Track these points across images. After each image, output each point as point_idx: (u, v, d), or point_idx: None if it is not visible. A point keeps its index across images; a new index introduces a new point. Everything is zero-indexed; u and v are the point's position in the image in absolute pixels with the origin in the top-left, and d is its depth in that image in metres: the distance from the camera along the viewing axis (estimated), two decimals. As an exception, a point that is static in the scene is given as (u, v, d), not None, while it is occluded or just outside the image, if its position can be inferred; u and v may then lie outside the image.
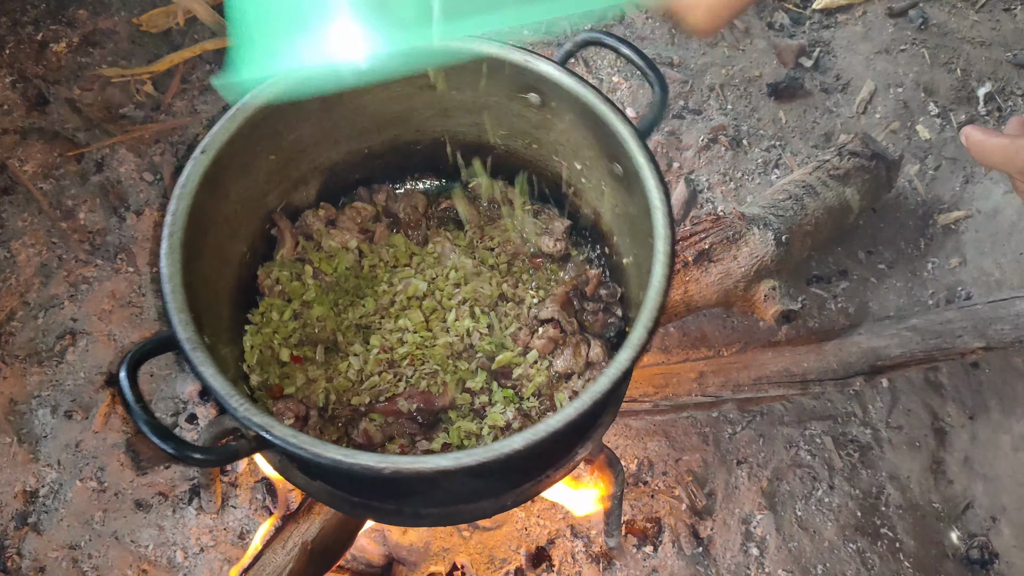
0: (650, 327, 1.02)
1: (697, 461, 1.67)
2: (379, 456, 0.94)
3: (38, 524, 1.55)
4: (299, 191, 1.38)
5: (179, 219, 1.11)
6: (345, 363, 1.26)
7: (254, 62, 1.04)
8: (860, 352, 1.69)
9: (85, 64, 2.02)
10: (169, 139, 1.93)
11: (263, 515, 1.55)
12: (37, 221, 1.82)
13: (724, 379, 1.64)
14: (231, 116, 1.19)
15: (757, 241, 1.63)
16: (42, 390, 1.66)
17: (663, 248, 1.06)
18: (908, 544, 1.64)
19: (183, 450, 0.95)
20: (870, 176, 1.82)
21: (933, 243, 1.96)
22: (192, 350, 1.01)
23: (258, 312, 1.29)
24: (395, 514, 1.20)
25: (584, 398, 0.98)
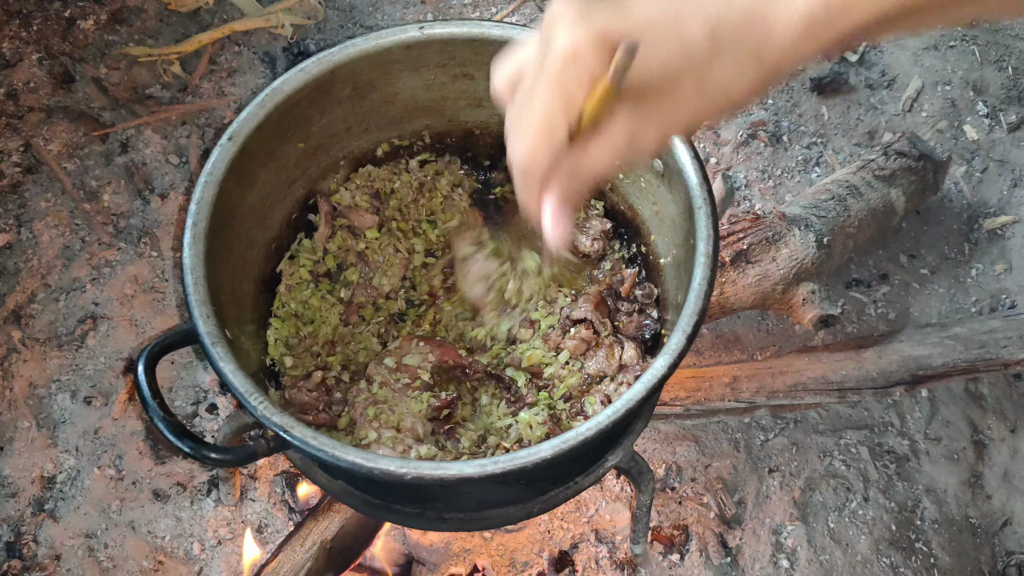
0: (689, 333, 0.97)
1: (727, 468, 1.62)
2: (400, 461, 0.90)
3: (55, 511, 1.53)
4: (328, 180, 1.34)
5: (203, 208, 1.08)
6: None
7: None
8: (901, 360, 1.63)
9: (112, 42, 1.98)
10: (196, 121, 1.90)
11: (282, 509, 1.52)
12: (60, 202, 1.80)
13: (758, 385, 1.58)
14: (260, 102, 1.15)
15: (798, 243, 1.57)
16: (62, 374, 1.63)
17: (705, 250, 1.01)
18: (943, 560, 1.59)
19: (200, 450, 0.91)
20: (916, 178, 1.75)
21: (978, 248, 1.89)
22: (212, 344, 0.98)
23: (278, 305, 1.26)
24: (417, 517, 1.17)
25: (617, 405, 0.93)
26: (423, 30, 1.22)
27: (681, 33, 0.65)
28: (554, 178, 0.71)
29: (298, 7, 2.01)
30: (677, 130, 0.69)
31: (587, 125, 0.67)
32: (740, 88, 0.66)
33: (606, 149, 0.68)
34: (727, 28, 0.64)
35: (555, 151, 0.68)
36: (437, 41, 1.23)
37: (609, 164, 0.69)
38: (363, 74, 1.24)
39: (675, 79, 0.65)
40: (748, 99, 0.69)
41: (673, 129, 0.69)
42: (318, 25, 2.03)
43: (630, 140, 0.67)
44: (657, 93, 0.65)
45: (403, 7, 2.10)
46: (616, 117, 0.67)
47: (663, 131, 0.69)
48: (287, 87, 1.17)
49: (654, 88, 0.65)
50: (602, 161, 0.69)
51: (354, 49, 1.20)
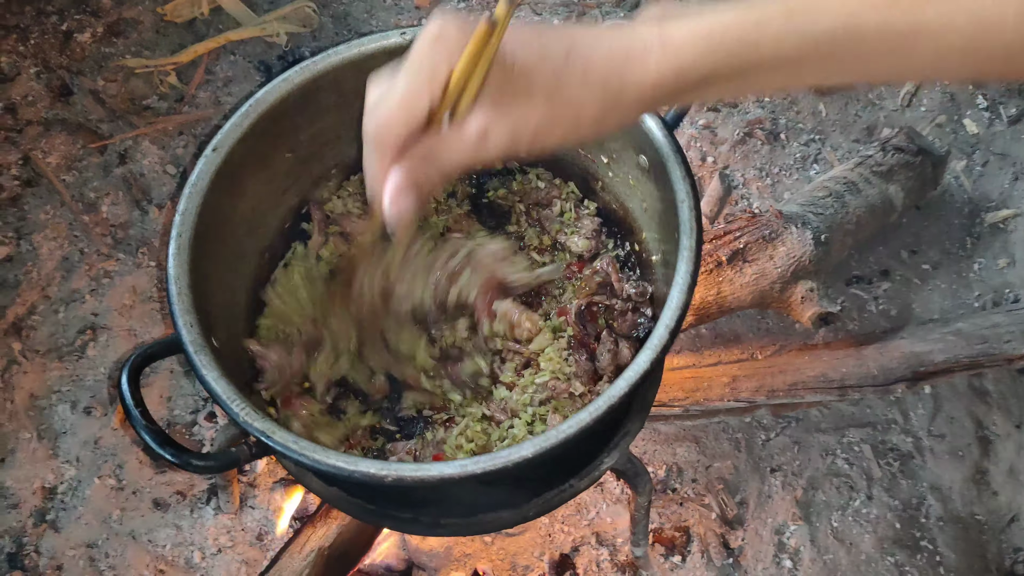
0: (672, 327, 0.96)
1: (728, 468, 1.61)
2: (381, 463, 0.90)
3: (56, 522, 1.53)
4: (320, 188, 1.34)
5: (188, 219, 1.08)
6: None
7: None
8: (902, 357, 1.61)
9: (109, 54, 2.00)
10: (193, 131, 1.91)
11: (281, 515, 1.52)
12: (59, 214, 1.81)
13: (758, 384, 1.57)
14: (244, 112, 1.16)
15: (795, 240, 1.56)
16: (62, 385, 1.64)
17: (688, 244, 1.01)
18: (949, 558, 1.57)
19: (182, 457, 0.91)
20: (915, 173, 1.74)
21: (980, 243, 1.87)
22: (196, 353, 0.98)
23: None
24: (412, 523, 1.16)
25: (599, 402, 0.92)
26: (404, 35, 1.21)
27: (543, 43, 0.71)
28: (406, 157, 0.72)
29: (293, 15, 2.02)
30: (525, 136, 0.72)
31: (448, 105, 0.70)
32: (588, 112, 0.71)
33: (459, 139, 0.71)
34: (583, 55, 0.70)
35: (411, 124, 0.70)
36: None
37: (459, 153, 0.72)
38: (348, 82, 1.23)
39: (530, 83, 0.70)
40: (595, 127, 0.73)
41: (522, 133, 0.71)
42: (313, 33, 2.04)
43: (482, 134, 0.70)
44: (513, 94, 0.70)
45: (397, 13, 2.10)
46: (473, 112, 0.70)
47: (512, 132, 0.71)
48: (271, 97, 1.17)
49: (511, 88, 0.69)
50: (453, 148, 0.72)
51: (337, 57, 1.20)
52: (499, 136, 0.71)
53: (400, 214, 0.74)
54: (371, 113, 0.73)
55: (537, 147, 0.73)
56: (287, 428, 1.18)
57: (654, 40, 0.70)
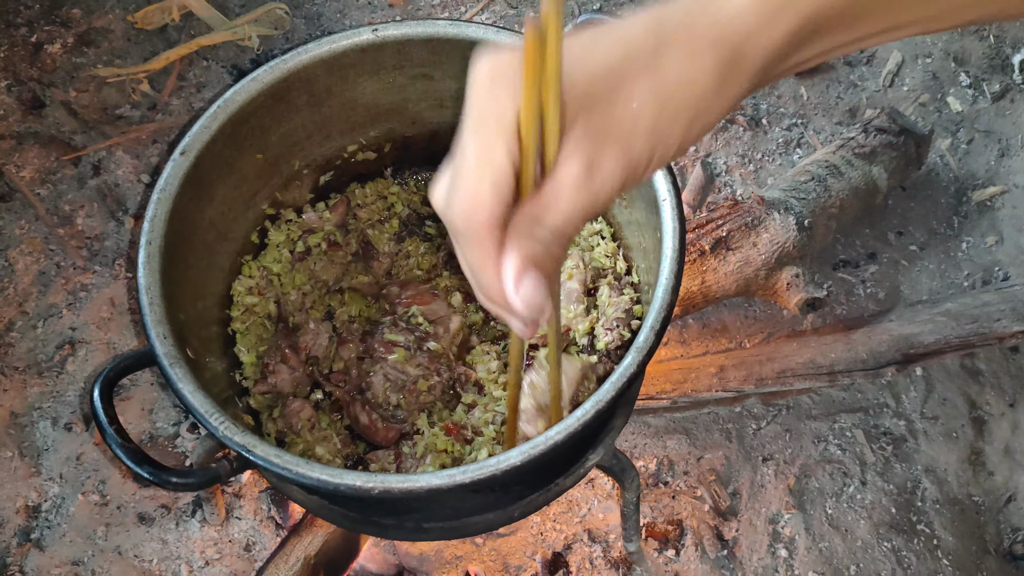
0: (658, 329, 0.94)
1: (720, 459, 1.59)
2: (366, 475, 0.88)
3: (40, 540, 1.51)
4: (292, 189, 1.32)
5: (157, 225, 1.06)
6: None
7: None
8: (891, 340, 1.60)
9: (80, 65, 1.97)
10: (167, 139, 1.88)
11: (269, 526, 1.50)
12: (34, 228, 1.78)
13: (746, 373, 1.56)
14: (212, 114, 1.13)
15: (778, 226, 1.54)
16: (42, 402, 1.62)
17: (672, 244, 0.99)
18: (947, 541, 1.55)
19: (160, 475, 0.89)
20: (898, 153, 1.72)
21: (967, 221, 1.85)
22: (171, 365, 0.95)
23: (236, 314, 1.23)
24: (396, 528, 1.14)
25: (586, 406, 0.91)
26: (376, 32, 1.19)
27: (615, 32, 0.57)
28: (511, 236, 0.55)
29: (264, 18, 1.99)
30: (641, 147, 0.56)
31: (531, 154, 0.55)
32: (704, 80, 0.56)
33: (562, 187, 0.55)
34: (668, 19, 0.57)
35: (499, 189, 0.54)
36: (392, 43, 1.20)
37: (571, 203, 0.55)
38: (319, 80, 1.22)
39: (622, 75, 0.55)
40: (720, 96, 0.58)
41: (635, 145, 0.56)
42: (286, 35, 2.01)
43: (588, 168, 0.55)
44: (608, 97, 0.55)
45: (371, 11, 2.08)
46: (566, 148, 0.55)
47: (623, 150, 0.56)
48: (239, 97, 1.15)
49: (602, 91, 0.55)
50: (562, 200, 0.55)
51: (307, 55, 1.18)
52: (610, 165, 0.55)
53: (531, 303, 0.56)
54: (448, 207, 0.56)
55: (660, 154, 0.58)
56: (269, 437, 1.17)
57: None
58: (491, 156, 0.54)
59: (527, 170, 0.55)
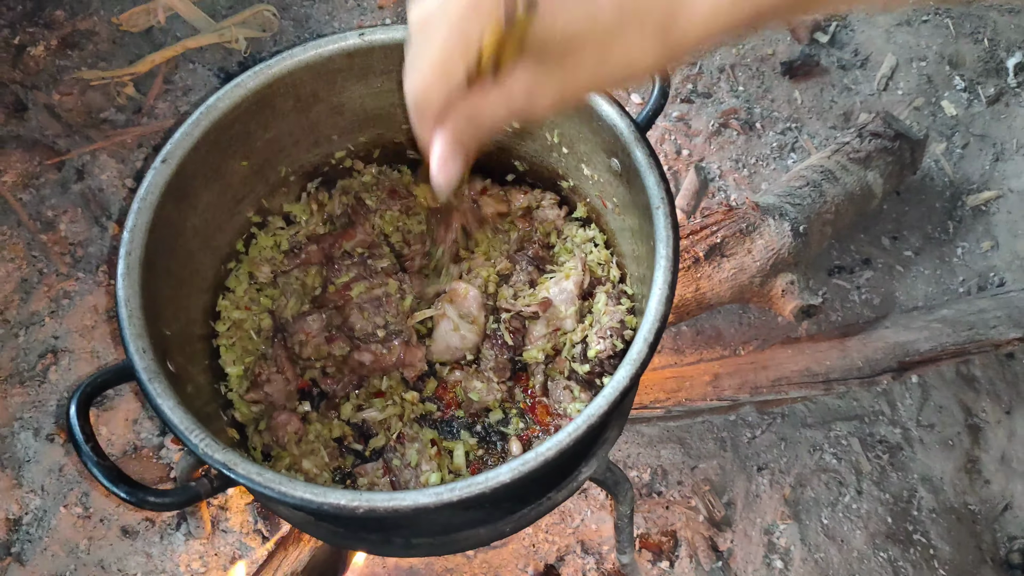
0: (651, 341, 0.92)
1: (714, 469, 1.57)
2: (352, 494, 0.85)
3: (21, 554, 1.48)
4: (277, 196, 1.29)
5: (138, 235, 1.03)
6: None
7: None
8: (887, 347, 1.58)
9: (64, 67, 1.93)
10: (152, 143, 1.85)
11: (255, 539, 1.47)
12: (16, 234, 1.75)
13: (741, 381, 1.54)
14: (194, 121, 1.10)
15: (773, 233, 1.52)
16: (24, 412, 1.58)
17: (665, 252, 0.96)
18: (943, 550, 1.54)
19: (136, 494, 0.86)
20: (893, 158, 1.70)
21: (962, 226, 1.84)
22: (150, 380, 0.92)
23: (222, 329, 1.20)
24: (385, 544, 1.11)
25: (578, 422, 0.88)
26: (363, 37, 1.17)
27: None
28: (449, 118, 0.70)
29: (252, 20, 1.96)
30: (574, 94, 0.70)
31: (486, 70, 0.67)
32: (642, 61, 0.67)
33: (503, 98, 0.69)
34: (635, 1, 0.65)
35: (450, 89, 0.67)
36: (379, 47, 1.18)
37: (504, 113, 0.70)
38: (305, 85, 1.19)
39: (578, 43, 0.66)
40: (648, 73, 0.70)
41: (570, 92, 0.69)
42: (274, 37, 1.98)
43: (527, 94, 0.68)
44: (560, 54, 0.66)
45: (360, 14, 2.05)
46: (517, 70, 0.67)
47: (560, 92, 0.69)
48: (223, 103, 1.12)
49: (556, 48, 0.66)
50: (497, 109, 0.69)
51: (292, 60, 1.15)
52: (544, 97, 0.69)
53: (448, 178, 0.73)
54: (409, 73, 0.70)
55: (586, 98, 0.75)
56: (255, 451, 1.15)
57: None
58: (449, 65, 0.66)
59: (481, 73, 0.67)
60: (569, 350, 1.15)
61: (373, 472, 1.13)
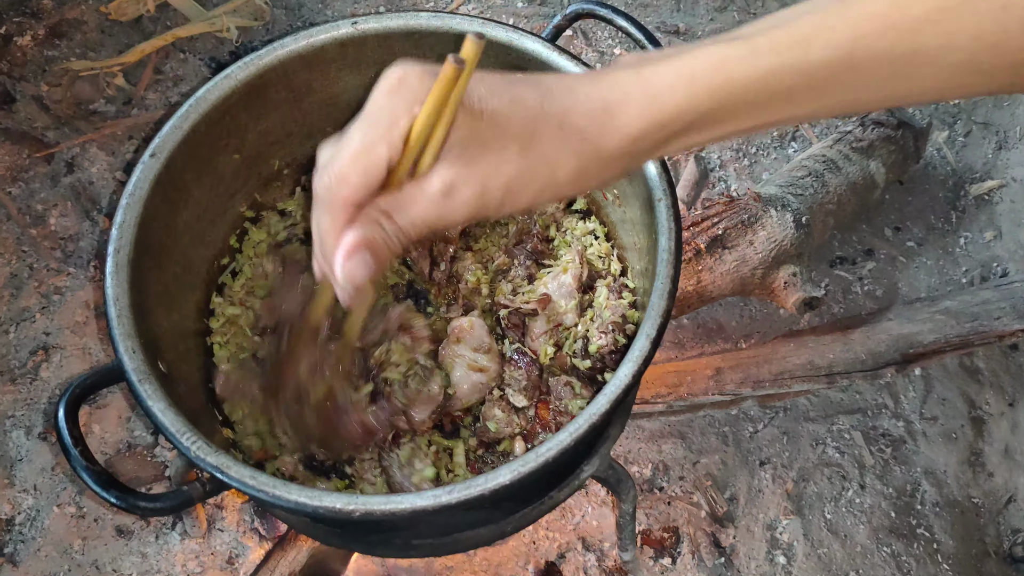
0: (654, 337, 0.90)
1: (716, 463, 1.55)
2: (348, 497, 0.83)
3: (14, 555, 1.45)
4: (272, 190, 1.27)
5: (126, 232, 1.00)
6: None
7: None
8: (890, 340, 1.56)
9: (52, 58, 1.90)
10: (142, 134, 1.82)
11: (252, 537, 1.45)
12: (5, 228, 1.72)
13: (743, 375, 1.51)
14: (183, 114, 1.07)
15: (775, 224, 1.50)
16: (16, 410, 1.56)
17: (668, 246, 0.94)
18: (947, 544, 1.52)
19: (127, 499, 0.84)
20: (896, 147, 1.68)
21: (965, 216, 1.82)
22: (139, 382, 0.90)
23: (216, 326, 1.18)
24: (383, 546, 1.10)
25: (579, 421, 0.86)
26: (356, 25, 1.14)
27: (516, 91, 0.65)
28: (362, 216, 0.65)
29: (243, 8, 1.93)
30: (496, 194, 0.65)
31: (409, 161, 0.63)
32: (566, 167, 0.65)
33: (420, 193, 0.64)
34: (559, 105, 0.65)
35: (368, 179, 0.63)
36: (373, 36, 1.15)
37: (421, 212, 0.65)
38: (298, 75, 1.16)
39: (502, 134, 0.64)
40: (574, 184, 0.67)
41: (491, 191, 0.65)
42: (266, 26, 1.95)
43: (446, 188, 0.64)
44: (481, 146, 0.64)
45: (354, 2, 2.01)
46: (439, 165, 0.64)
47: (480, 188, 0.65)
48: (212, 95, 1.09)
49: (480, 140, 0.64)
50: (415, 206, 0.65)
51: (284, 50, 1.13)
52: (467, 192, 0.65)
53: (352, 278, 0.66)
54: (322, 171, 0.65)
55: (508, 206, 0.66)
56: (249, 448, 1.12)
57: (634, 87, 0.65)
58: (371, 151, 0.63)
59: (401, 168, 0.64)
60: (570, 345, 1.13)
61: (370, 469, 1.11)
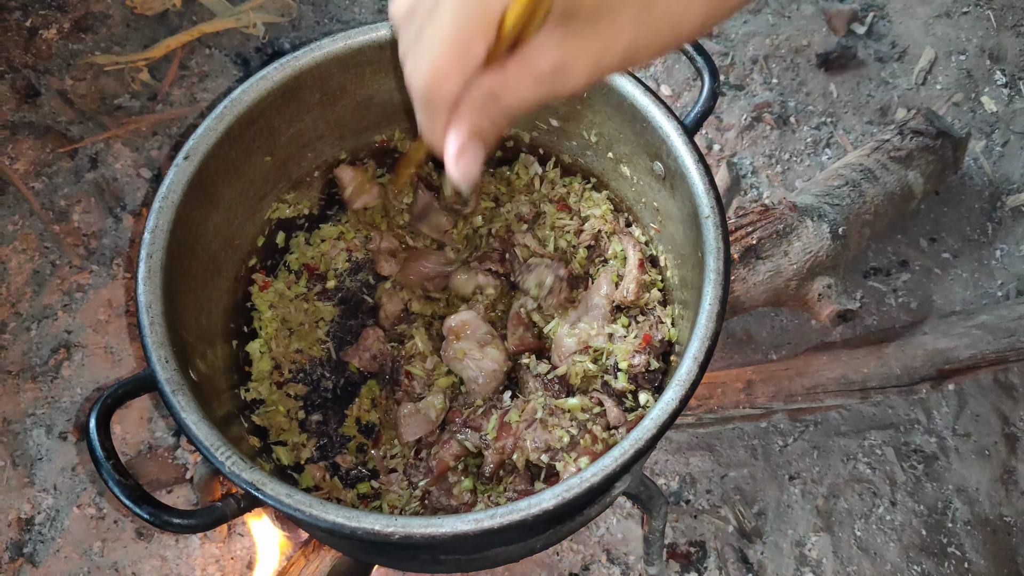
0: (702, 361, 0.87)
1: (745, 477, 1.53)
2: (387, 519, 0.81)
3: (33, 555, 1.44)
4: (301, 191, 1.24)
5: (159, 237, 0.98)
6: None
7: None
8: (926, 355, 1.52)
9: (77, 51, 1.88)
10: (167, 131, 1.80)
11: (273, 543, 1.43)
12: (28, 224, 1.70)
13: (775, 388, 1.49)
14: (218, 115, 1.05)
15: (811, 234, 1.46)
16: (37, 408, 1.54)
17: (716, 266, 0.91)
18: (978, 563, 1.49)
19: (159, 515, 0.82)
20: (935, 157, 1.64)
21: (1002, 228, 1.78)
22: (173, 393, 0.88)
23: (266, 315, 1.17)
24: (411, 560, 1.08)
25: (624, 446, 0.84)
26: (394, 28, 1.11)
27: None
28: (464, 106, 0.58)
29: (270, 4, 1.90)
30: (612, 62, 0.58)
31: (506, 43, 0.56)
32: (691, 17, 0.58)
33: (528, 74, 0.57)
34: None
35: (467, 71, 0.56)
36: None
37: (530, 93, 0.58)
38: (333, 78, 1.14)
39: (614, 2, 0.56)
40: (697, 32, 0.60)
41: (607, 60, 0.58)
42: (292, 22, 1.92)
43: (557, 66, 0.57)
44: (592, 15, 0.56)
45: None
46: (542, 39, 0.56)
47: (595, 61, 0.58)
48: (247, 97, 1.07)
49: (588, 9, 0.56)
50: (522, 88, 0.58)
51: (320, 52, 1.10)
52: (577, 68, 0.58)
53: (467, 173, 0.61)
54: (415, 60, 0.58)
55: (621, 68, 0.60)
56: (279, 459, 1.10)
57: None
58: (468, 41, 0.55)
59: (499, 51, 0.56)
60: (603, 364, 1.10)
61: (396, 482, 1.09)
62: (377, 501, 1.09)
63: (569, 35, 0.56)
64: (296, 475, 1.11)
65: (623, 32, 0.57)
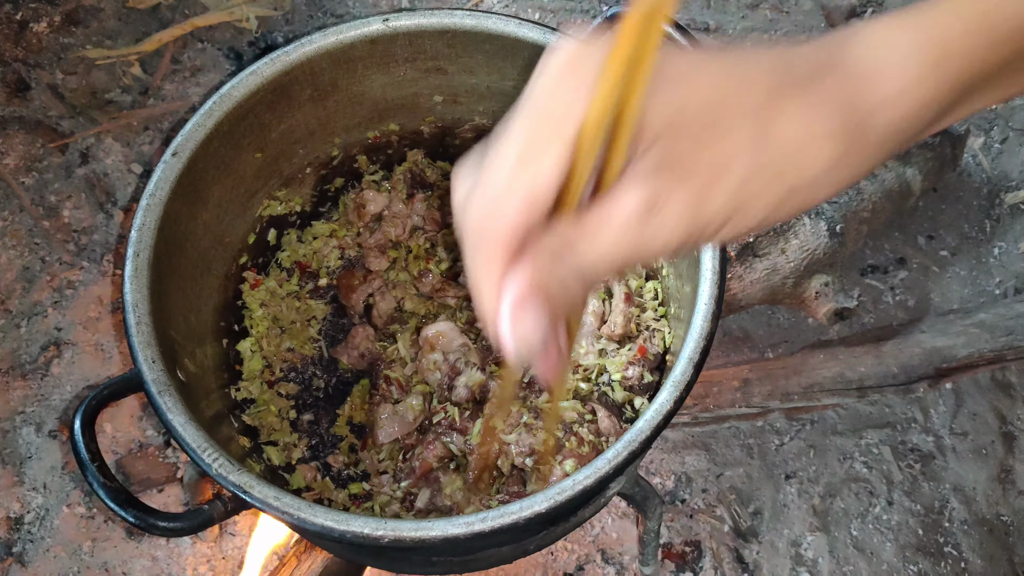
0: (696, 360, 0.86)
1: (740, 476, 1.52)
2: (376, 522, 0.80)
3: (23, 555, 1.43)
4: (292, 188, 1.23)
5: (146, 235, 0.97)
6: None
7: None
8: (923, 353, 1.52)
9: (68, 45, 1.86)
10: (159, 126, 1.78)
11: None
12: (18, 220, 1.68)
13: (771, 387, 1.48)
14: (207, 111, 1.04)
15: (808, 232, 1.45)
16: (26, 406, 1.53)
17: (711, 265, 0.90)
18: (975, 563, 1.48)
19: (145, 518, 0.81)
20: (934, 154, 1.63)
21: (1000, 225, 1.77)
22: (159, 394, 0.87)
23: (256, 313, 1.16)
24: (402, 562, 1.07)
25: (618, 447, 0.83)
26: (388, 22, 1.10)
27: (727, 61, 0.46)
28: (529, 255, 0.45)
29: (263, -2, 1.89)
30: (717, 205, 0.45)
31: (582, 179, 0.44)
32: (819, 149, 0.46)
33: (609, 217, 0.44)
34: (795, 64, 0.47)
35: (534, 208, 0.44)
36: (404, 34, 1.11)
37: (611, 245, 0.45)
38: (324, 73, 1.12)
39: (723, 114, 0.44)
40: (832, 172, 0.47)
41: (711, 200, 0.45)
42: (285, 16, 1.90)
43: (646, 207, 0.44)
44: (698, 133, 0.44)
45: (375, -7, 1.97)
46: (633, 170, 0.44)
47: (695, 199, 0.45)
48: (237, 92, 1.05)
49: (693, 124, 0.44)
50: (601, 237, 0.45)
51: (312, 47, 1.09)
52: (676, 210, 0.44)
53: (525, 337, 0.46)
54: (468, 203, 0.46)
55: (734, 224, 0.46)
56: (269, 459, 1.09)
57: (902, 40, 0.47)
58: (538, 164, 0.43)
59: (575, 185, 0.45)
60: (595, 382, 1.09)
61: (387, 483, 1.08)
62: (369, 502, 1.08)
63: (666, 161, 0.44)
64: (287, 475, 1.10)
65: (733, 162, 0.45)
